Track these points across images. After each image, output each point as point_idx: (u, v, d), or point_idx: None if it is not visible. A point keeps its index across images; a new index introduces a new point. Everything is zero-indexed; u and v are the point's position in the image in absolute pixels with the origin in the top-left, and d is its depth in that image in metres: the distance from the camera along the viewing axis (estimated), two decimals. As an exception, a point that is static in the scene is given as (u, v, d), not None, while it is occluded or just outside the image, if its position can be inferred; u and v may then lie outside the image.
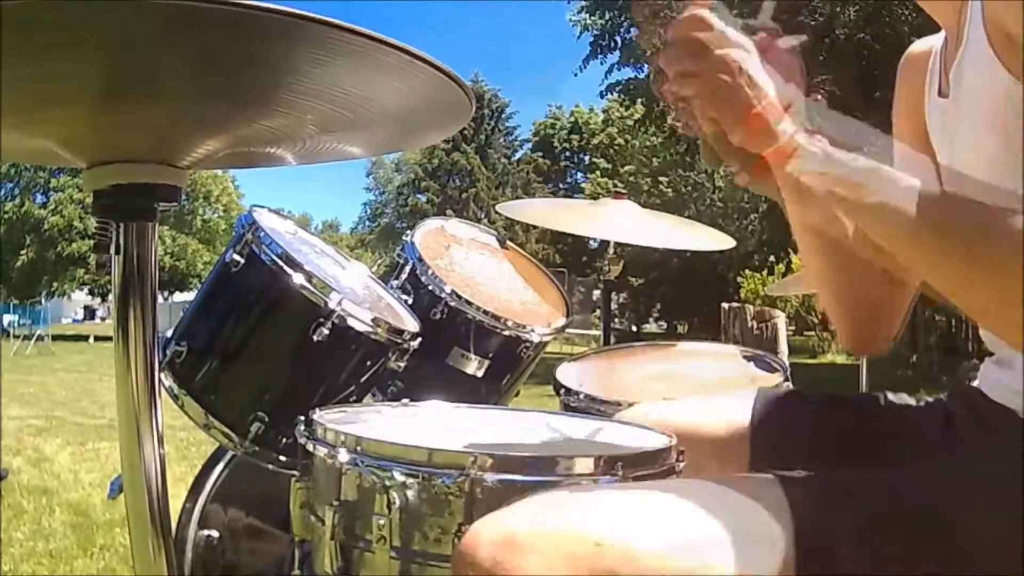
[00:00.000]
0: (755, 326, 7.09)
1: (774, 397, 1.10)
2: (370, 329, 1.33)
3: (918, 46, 1.05)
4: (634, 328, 33.37)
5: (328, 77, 0.76)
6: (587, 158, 38.74)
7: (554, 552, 0.66)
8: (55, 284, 27.89)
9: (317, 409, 1.04)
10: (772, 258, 16.97)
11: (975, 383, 0.98)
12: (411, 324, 1.46)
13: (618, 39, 13.76)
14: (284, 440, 1.31)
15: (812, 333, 19.03)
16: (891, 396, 1.07)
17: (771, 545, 0.68)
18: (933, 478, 0.76)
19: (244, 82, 0.78)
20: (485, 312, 1.60)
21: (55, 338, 18.88)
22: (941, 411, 1.00)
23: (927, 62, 1.00)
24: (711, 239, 2.20)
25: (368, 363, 1.37)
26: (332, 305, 1.28)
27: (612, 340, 2.40)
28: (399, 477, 0.83)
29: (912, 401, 1.05)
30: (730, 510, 0.70)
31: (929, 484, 0.74)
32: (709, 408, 1.12)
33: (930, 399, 1.05)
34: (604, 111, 36.95)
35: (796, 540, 0.67)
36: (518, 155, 41.45)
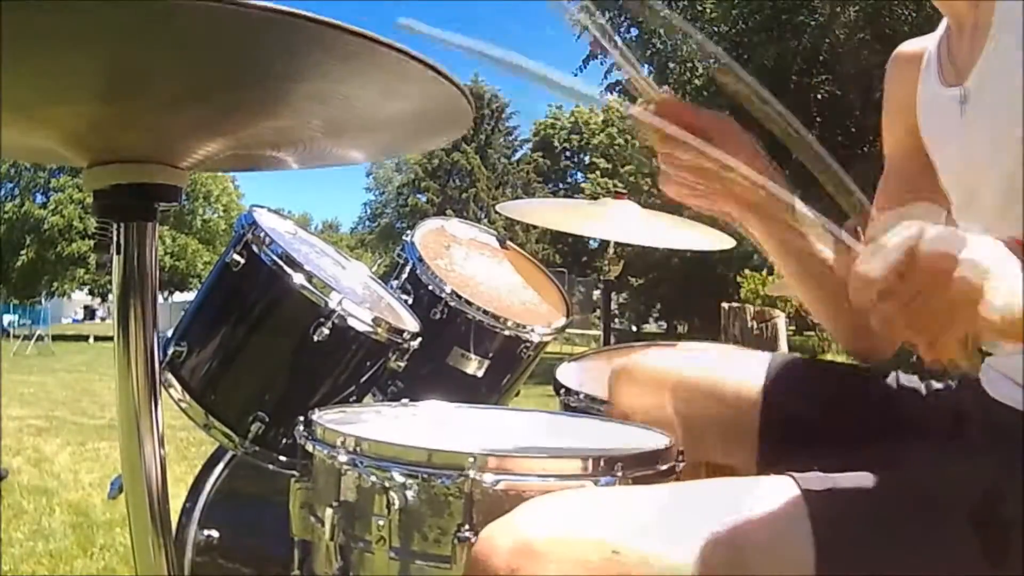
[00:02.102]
0: (755, 326, 7.06)
1: (786, 373, 1.07)
2: (370, 329, 1.33)
3: (909, 45, 1.05)
4: (634, 328, 33.34)
5: (330, 80, 0.76)
6: (587, 158, 38.72)
7: (571, 560, 0.66)
8: (55, 284, 27.89)
9: (317, 409, 1.04)
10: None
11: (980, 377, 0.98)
12: (411, 324, 1.46)
13: (618, 39, 13.73)
14: (284, 440, 1.31)
15: (812, 333, 18.98)
16: (903, 379, 1.06)
17: (788, 547, 0.67)
18: (945, 476, 0.76)
19: (246, 84, 0.77)
20: (485, 312, 1.60)
21: (55, 338, 18.88)
22: (951, 403, 0.99)
23: (919, 61, 1.00)
24: (711, 239, 2.20)
25: (368, 363, 1.37)
26: (332, 305, 1.28)
27: (612, 340, 2.40)
28: (398, 478, 0.83)
29: (923, 387, 1.04)
30: (746, 513, 0.70)
31: (941, 482, 0.74)
32: (717, 375, 1.09)
33: (940, 386, 1.04)
34: (604, 111, 36.93)
35: (813, 541, 0.67)
36: (518, 155, 41.46)
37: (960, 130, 0.90)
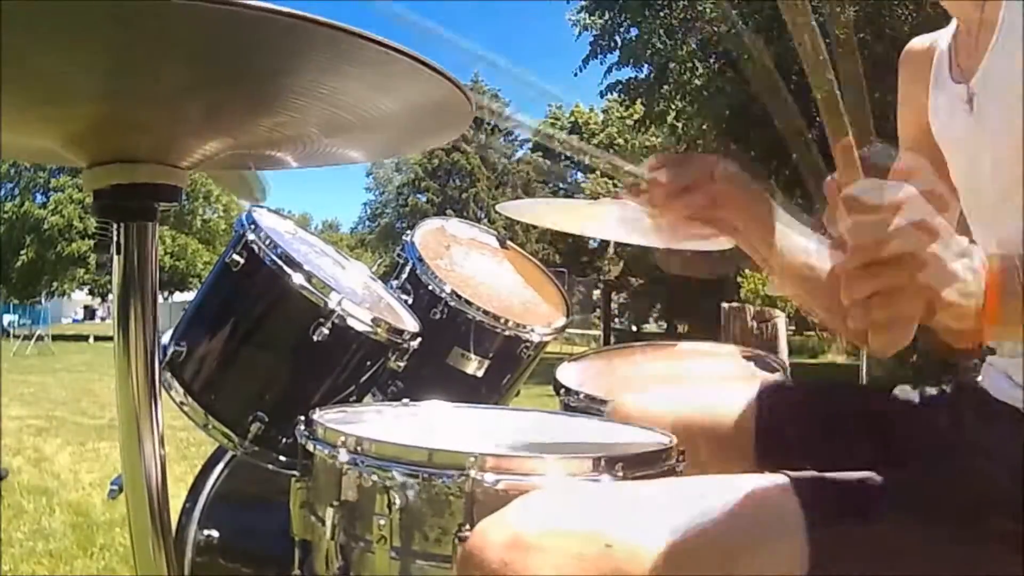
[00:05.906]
0: (755, 326, 7.05)
1: (778, 393, 1.10)
2: (370, 329, 1.33)
3: (919, 42, 1.06)
4: (634, 328, 33.33)
5: (331, 80, 0.76)
6: (587, 158, 38.61)
7: (564, 553, 0.66)
8: (55, 284, 27.90)
9: (317, 409, 1.04)
10: (772, 258, 16.89)
11: (979, 378, 0.98)
12: (411, 324, 1.46)
13: (618, 39, 13.75)
14: (284, 440, 1.31)
15: (812, 333, 19.01)
16: (897, 391, 1.06)
17: (781, 544, 0.67)
18: (943, 477, 0.76)
19: (246, 84, 0.77)
20: (485, 312, 1.60)
21: (55, 338, 18.88)
22: (946, 407, 1.00)
23: (930, 57, 1.00)
24: (711, 239, 2.19)
25: (368, 363, 1.37)
26: (332, 305, 1.28)
27: (612, 340, 2.41)
28: (399, 477, 0.83)
29: (916, 397, 1.05)
30: (739, 509, 0.70)
31: (939, 483, 0.74)
32: (711, 401, 1.12)
33: (935, 392, 1.04)
34: (604, 111, 36.86)
35: (807, 539, 0.67)
36: (518, 155, 41.46)
37: (966, 127, 0.90)
